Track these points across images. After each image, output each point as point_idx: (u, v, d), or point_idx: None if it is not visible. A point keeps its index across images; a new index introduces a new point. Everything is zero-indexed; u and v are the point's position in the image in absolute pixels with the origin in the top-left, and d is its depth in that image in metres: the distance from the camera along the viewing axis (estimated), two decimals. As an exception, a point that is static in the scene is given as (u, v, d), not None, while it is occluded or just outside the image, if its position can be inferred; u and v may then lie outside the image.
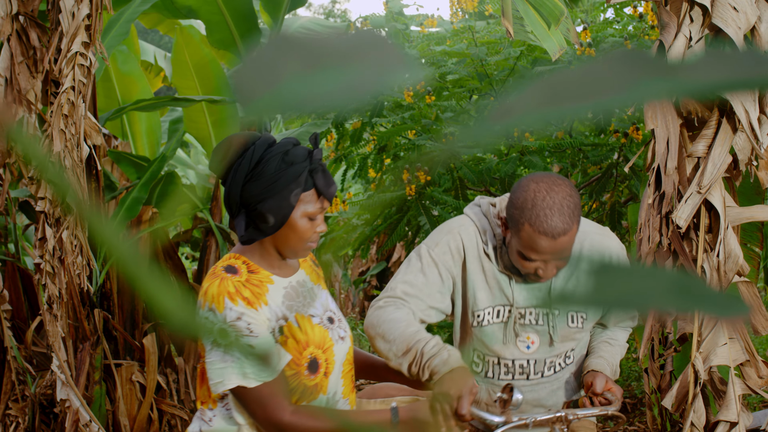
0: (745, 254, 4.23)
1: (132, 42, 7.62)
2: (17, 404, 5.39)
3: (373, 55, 0.40)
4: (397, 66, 0.39)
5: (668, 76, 0.36)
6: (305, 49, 0.40)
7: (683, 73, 0.37)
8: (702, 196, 3.26)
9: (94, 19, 4.46)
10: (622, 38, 6.05)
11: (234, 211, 2.49)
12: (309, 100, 0.37)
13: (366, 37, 0.41)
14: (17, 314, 6.12)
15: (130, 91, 6.84)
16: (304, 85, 0.38)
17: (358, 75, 0.38)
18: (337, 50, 0.40)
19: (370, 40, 0.41)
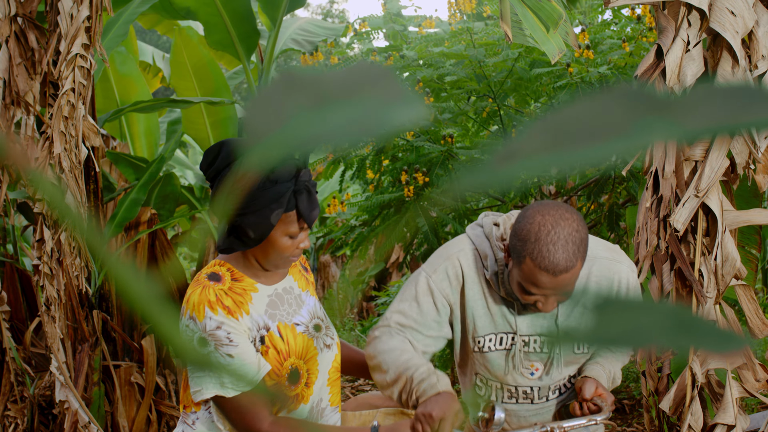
0: (743, 257, 4.24)
1: (130, 43, 7.62)
2: (16, 405, 5.40)
3: (376, 90, 0.40)
4: (400, 101, 0.40)
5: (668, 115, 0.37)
6: (311, 86, 0.40)
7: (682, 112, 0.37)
8: (699, 200, 3.27)
9: (94, 20, 4.46)
10: (620, 40, 6.06)
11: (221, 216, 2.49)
12: (315, 138, 0.38)
13: (369, 72, 0.41)
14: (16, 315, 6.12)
15: (129, 92, 6.84)
16: (310, 123, 0.38)
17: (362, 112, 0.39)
18: (342, 86, 0.40)
19: (373, 75, 0.41)
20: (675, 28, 3.30)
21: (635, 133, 0.36)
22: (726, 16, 3.17)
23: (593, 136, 0.37)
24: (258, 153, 0.38)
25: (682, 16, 3.28)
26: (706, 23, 3.24)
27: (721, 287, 3.32)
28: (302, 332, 2.57)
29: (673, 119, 0.37)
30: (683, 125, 0.37)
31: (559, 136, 0.38)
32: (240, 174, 2.40)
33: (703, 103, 0.38)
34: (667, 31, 3.30)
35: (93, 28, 4.46)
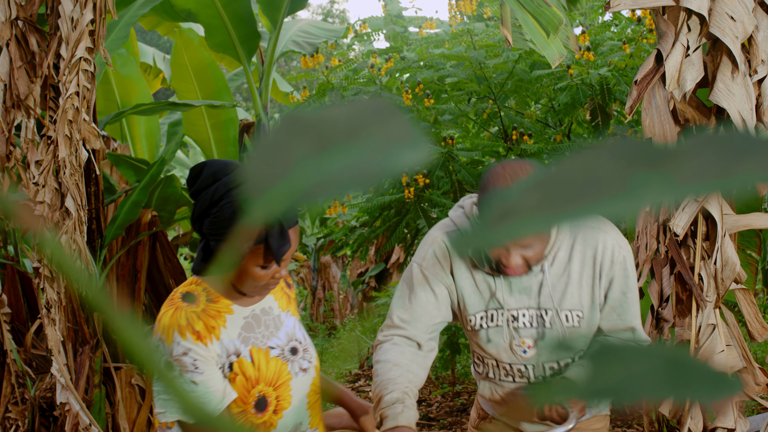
0: (743, 260, 4.24)
1: (131, 45, 7.62)
2: (17, 407, 5.40)
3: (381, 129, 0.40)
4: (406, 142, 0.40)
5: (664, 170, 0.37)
6: (313, 129, 0.41)
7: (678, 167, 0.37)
8: (699, 205, 3.28)
9: (98, 24, 4.47)
10: (620, 41, 6.06)
11: (196, 230, 2.45)
12: (318, 189, 0.38)
13: (373, 109, 0.42)
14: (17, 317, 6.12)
15: (129, 94, 6.84)
16: (314, 172, 0.39)
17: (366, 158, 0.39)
18: (345, 126, 0.41)
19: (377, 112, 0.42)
20: (675, 33, 3.30)
21: (631, 191, 0.37)
22: (725, 21, 3.18)
23: (588, 194, 0.37)
24: (261, 207, 0.38)
25: (681, 21, 3.28)
26: (705, 28, 3.25)
27: (721, 291, 3.33)
28: (276, 356, 2.54)
29: (669, 175, 0.37)
30: (679, 182, 0.37)
31: (553, 194, 0.38)
32: (244, 228, 2.38)
33: (699, 157, 0.38)
34: (666, 36, 3.31)
35: (97, 31, 4.46)
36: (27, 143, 4.75)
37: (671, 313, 3.38)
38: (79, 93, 4.42)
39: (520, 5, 3.10)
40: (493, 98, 6.16)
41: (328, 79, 6.41)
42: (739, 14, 3.19)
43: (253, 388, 2.47)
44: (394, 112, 0.41)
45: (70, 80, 4.40)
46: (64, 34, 4.52)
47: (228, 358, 2.43)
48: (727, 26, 3.18)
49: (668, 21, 3.34)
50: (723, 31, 3.18)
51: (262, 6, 6.11)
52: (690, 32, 3.28)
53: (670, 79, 3.26)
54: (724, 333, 3.37)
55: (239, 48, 6.12)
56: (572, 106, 6.00)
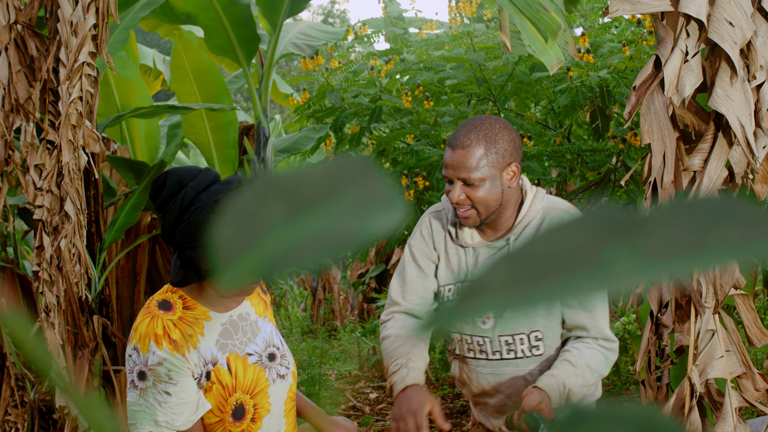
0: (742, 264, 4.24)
1: (131, 47, 7.61)
2: (16, 410, 5.40)
3: (357, 189, 0.40)
4: (382, 203, 0.39)
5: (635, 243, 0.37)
6: (287, 191, 0.40)
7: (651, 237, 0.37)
8: (698, 210, 3.27)
9: (101, 28, 4.46)
10: (620, 43, 6.06)
11: (169, 243, 2.43)
12: (289, 257, 0.38)
13: (349, 168, 0.41)
14: (16, 320, 6.11)
15: (129, 97, 6.84)
16: (285, 239, 0.38)
17: (340, 221, 0.38)
18: (320, 187, 0.40)
19: (353, 171, 0.41)
20: (673, 39, 3.29)
21: (603, 267, 0.36)
22: (724, 26, 3.17)
23: (558, 270, 0.37)
24: (231, 277, 0.38)
25: (680, 27, 3.27)
26: (704, 34, 3.24)
27: (720, 297, 3.32)
28: (254, 363, 2.54)
29: (641, 249, 0.37)
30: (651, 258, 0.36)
31: (525, 271, 0.38)
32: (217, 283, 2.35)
33: (673, 226, 0.38)
34: (665, 41, 3.30)
35: (99, 35, 4.45)
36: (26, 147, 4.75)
37: (670, 319, 3.38)
38: (82, 98, 4.42)
39: (518, 11, 3.10)
40: (493, 100, 6.16)
41: (328, 81, 6.41)
42: (737, 20, 3.18)
43: (230, 397, 2.46)
44: (370, 170, 0.41)
45: (73, 85, 4.40)
46: (63, 38, 4.51)
47: (205, 367, 2.42)
48: (725, 32, 3.17)
49: (667, 26, 3.33)
50: (722, 37, 3.17)
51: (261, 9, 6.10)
52: (689, 38, 3.28)
53: (668, 85, 3.25)
54: (723, 338, 3.36)
55: (239, 51, 6.12)
56: (572, 108, 6.00)
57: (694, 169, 3.33)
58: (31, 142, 4.75)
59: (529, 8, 3.07)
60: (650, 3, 3.26)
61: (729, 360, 3.37)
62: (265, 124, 6.34)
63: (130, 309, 5.83)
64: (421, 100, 6.15)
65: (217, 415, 2.44)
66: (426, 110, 6.15)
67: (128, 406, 2.37)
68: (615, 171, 6.09)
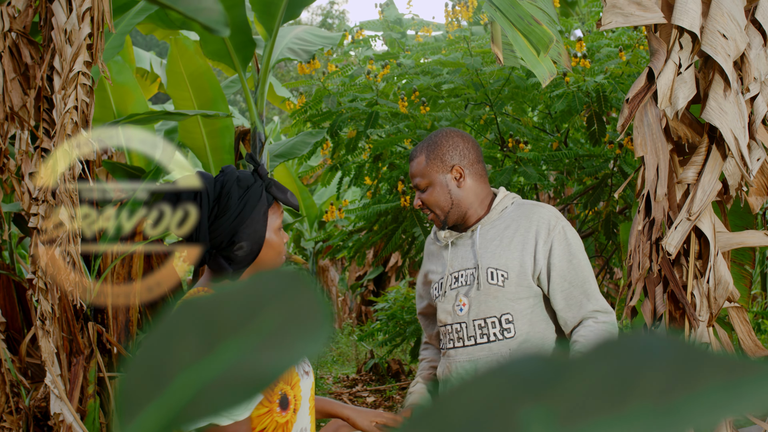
0: (738, 273, 4.23)
1: (126, 51, 7.60)
2: (11, 416, 5.39)
3: (282, 309, 0.38)
4: (308, 324, 0.38)
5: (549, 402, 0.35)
6: (205, 319, 0.38)
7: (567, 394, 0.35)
8: (692, 223, 3.26)
9: (96, 38, 4.45)
10: (616, 48, 6.04)
11: (205, 258, 2.45)
12: (198, 403, 0.36)
13: (275, 285, 0.39)
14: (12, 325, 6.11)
15: (125, 102, 6.83)
16: (194, 382, 0.36)
17: (257, 353, 0.36)
18: (241, 311, 0.38)
19: (278, 287, 0.39)
20: (667, 51, 3.28)
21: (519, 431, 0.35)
22: (718, 39, 3.16)
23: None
24: (138, 426, 0.36)
25: (673, 39, 3.26)
26: (697, 46, 3.23)
27: (714, 310, 3.31)
28: None
29: (554, 411, 0.35)
30: (563, 423, 0.35)
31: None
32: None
33: (594, 378, 0.36)
34: (658, 53, 3.29)
35: (95, 45, 4.44)
36: (21, 155, 4.74)
37: (664, 332, 3.37)
38: (77, 107, 4.41)
39: (510, 23, 3.08)
40: (489, 105, 6.14)
41: (325, 86, 6.39)
42: (731, 32, 3.17)
43: (276, 386, 2.45)
44: (297, 285, 0.39)
45: (68, 95, 4.39)
46: (57, 46, 4.50)
47: None
48: (719, 44, 3.16)
49: (660, 38, 3.32)
50: (715, 49, 3.16)
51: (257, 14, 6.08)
52: (682, 50, 3.27)
53: (662, 97, 3.24)
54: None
55: (234, 56, 6.10)
56: (569, 113, 5.99)
57: (688, 182, 3.32)
58: (26, 150, 4.75)
59: (521, 21, 3.06)
60: (643, 15, 3.24)
61: (723, 373, 3.36)
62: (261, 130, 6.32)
63: (125, 315, 5.81)
64: (417, 104, 6.14)
65: (266, 405, 2.46)
66: (423, 115, 6.13)
67: None
68: (612, 176, 6.08)
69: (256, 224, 2.41)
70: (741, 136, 3.20)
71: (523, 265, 3.05)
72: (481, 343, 3.09)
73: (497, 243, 3.09)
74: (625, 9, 3.25)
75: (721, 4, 3.20)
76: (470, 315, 3.10)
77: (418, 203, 3.17)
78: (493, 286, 3.06)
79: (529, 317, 3.08)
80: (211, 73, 6.53)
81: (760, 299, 9.35)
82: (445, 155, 3.13)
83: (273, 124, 12.94)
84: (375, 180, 6.56)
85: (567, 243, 3.07)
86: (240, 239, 2.40)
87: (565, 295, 3.06)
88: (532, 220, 3.08)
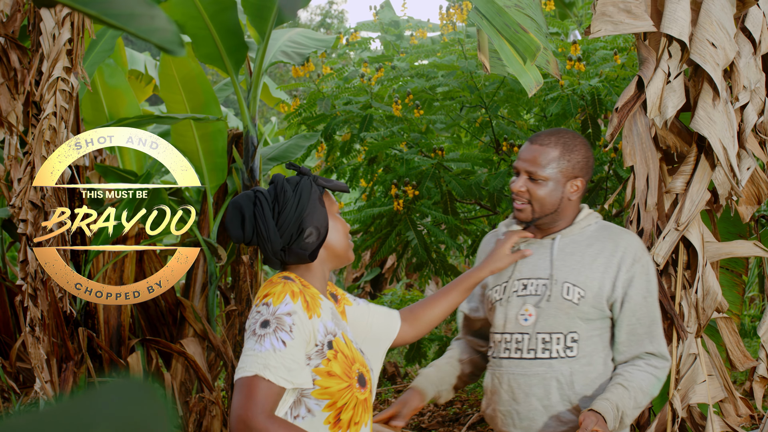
0: (729, 280, 4.19)
1: (119, 54, 7.57)
2: (2, 422, 5.37)
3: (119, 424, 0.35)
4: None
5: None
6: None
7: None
8: (680, 233, 3.23)
9: (76, 43, 4.42)
10: (612, 51, 6.01)
11: (281, 257, 2.60)
12: None
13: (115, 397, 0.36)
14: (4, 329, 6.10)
15: (117, 105, 6.80)
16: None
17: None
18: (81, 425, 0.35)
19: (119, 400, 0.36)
20: (656, 59, 3.25)
21: None
22: (707, 47, 3.13)
23: None
24: None
25: (663, 47, 3.23)
26: (686, 54, 3.20)
27: (702, 321, 3.28)
28: (356, 348, 2.66)
29: None
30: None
31: None
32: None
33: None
34: (648, 62, 3.26)
35: (74, 50, 4.42)
36: (10, 161, 4.72)
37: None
38: (56, 113, 4.38)
39: (496, 32, 3.05)
40: (484, 107, 6.11)
41: (319, 89, 6.36)
42: (720, 41, 3.14)
43: (353, 365, 2.57)
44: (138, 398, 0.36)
45: (47, 100, 4.36)
46: (45, 51, 4.48)
47: (326, 336, 2.53)
48: (708, 53, 3.13)
49: (649, 47, 3.29)
50: (704, 58, 3.13)
51: (249, 17, 6.04)
52: (671, 58, 3.24)
53: (651, 106, 3.21)
54: (705, 363, 3.33)
55: (226, 59, 6.06)
56: (563, 116, 5.96)
57: (677, 192, 3.29)
58: (15, 155, 4.72)
59: (507, 29, 3.03)
60: (632, 23, 3.21)
61: (711, 384, 3.34)
62: (254, 133, 6.29)
63: (117, 319, 5.78)
64: (411, 108, 6.11)
65: (345, 380, 2.53)
66: (417, 118, 6.10)
67: (242, 354, 2.48)
68: (607, 179, 6.04)
69: (316, 210, 2.55)
70: (730, 146, 3.17)
71: (602, 288, 2.97)
72: (542, 358, 3.01)
73: (578, 259, 3.01)
74: (615, 17, 3.22)
75: (710, 12, 3.16)
76: (536, 327, 3.01)
77: (522, 189, 3.00)
78: (567, 301, 2.97)
79: (595, 340, 3.01)
80: (203, 76, 6.50)
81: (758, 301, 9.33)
82: (577, 164, 3.00)
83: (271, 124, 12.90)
84: (370, 182, 6.54)
85: (647, 279, 2.99)
86: (307, 225, 2.54)
87: (630, 329, 2.99)
88: (618, 245, 2.99)
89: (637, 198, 3.29)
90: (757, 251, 3.42)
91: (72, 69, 4.44)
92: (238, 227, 2.58)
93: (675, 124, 3.39)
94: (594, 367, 2.99)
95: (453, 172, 6.22)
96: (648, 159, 3.26)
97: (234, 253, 6.31)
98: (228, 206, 2.61)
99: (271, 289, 2.51)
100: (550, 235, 3.07)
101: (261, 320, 2.46)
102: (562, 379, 2.98)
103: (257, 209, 2.55)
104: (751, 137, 3.38)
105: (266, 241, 2.55)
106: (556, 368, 2.98)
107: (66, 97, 4.45)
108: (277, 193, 2.56)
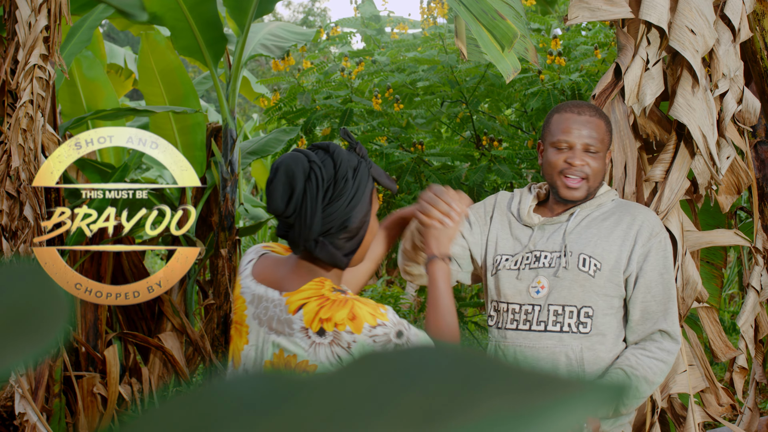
0: (708, 272, 4.18)
1: (98, 47, 7.51)
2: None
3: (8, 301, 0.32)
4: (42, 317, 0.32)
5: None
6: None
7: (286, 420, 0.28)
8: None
9: (53, 30, 4.37)
10: (592, 46, 6.01)
11: (311, 247, 2.21)
12: None
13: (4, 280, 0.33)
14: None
15: (96, 97, 6.75)
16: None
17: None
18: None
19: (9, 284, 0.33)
20: (634, 46, 3.23)
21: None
22: (686, 34, 3.11)
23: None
24: None
25: (641, 35, 3.21)
26: (665, 42, 3.18)
27: (683, 311, 3.26)
28: None
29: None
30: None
31: None
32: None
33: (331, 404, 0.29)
34: (626, 49, 3.24)
35: (51, 38, 4.36)
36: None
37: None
38: (33, 101, 4.33)
39: (473, 18, 3.02)
40: (465, 102, 6.10)
41: (300, 83, 6.32)
42: (699, 28, 3.12)
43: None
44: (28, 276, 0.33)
45: (23, 88, 4.31)
46: (21, 40, 4.42)
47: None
48: (687, 40, 3.11)
49: (628, 34, 3.27)
50: (683, 45, 3.11)
51: (229, 9, 6.01)
52: (650, 45, 3.21)
53: (629, 94, 3.19)
54: (686, 353, 3.30)
55: (205, 52, 6.02)
56: (544, 111, 5.94)
57: (656, 180, 3.27)
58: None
59: (485, 15, 3.00)
60: (610, 10, 3.19)
61: (692, 374, 3.32)
62: (233, 126, 6.25)
63: (93, 314, 5.73)
64: (391, 102, 6.08)
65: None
66: (398, 112, 6.07)
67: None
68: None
69: (365, 208, 2.20)
70: (709, 134, 3.15)
71: (619, 261, 2.83)
72: (552, 331, 2.86)
73: (594, 231, 2.86)
74: (593, 3, 3.20)
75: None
76: (548, 299, 2.86)
77: (585, 164, 2.83)
78: (583, 273, 2.82)
79: (610, 320, 2.87)
80: (182, 69, 6.47)
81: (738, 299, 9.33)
82: (611, 135, 2.91)
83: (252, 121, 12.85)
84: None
85: (664, 255, 2.87)
86: (352, 223, 2.18)
87: (644, 306, 2.85)
88: (636, 219, 2.86)
89: (615, 186, 3.26)
90: (738, 240, 3.40)
91: (49, 57, 4.39)
92: (282, 200, 2.17)
93: (655, 113, 3.36)
94: (606, 347, 2.86)
95: (433, 166, 6.20)
96: (626, 147, 3.24)
97: (212, 246, 6.27)
98: (278, 171, 2.18)
99: (351, 311, 2.11)
100: (568, 210, 2.93)
101: (394, 332, 2.13)
102: (572, 355, 2.86)
103: (309, 187, 2.14)
104: (731, 126, 3.36)
105: (305, 226, 2.16)
106: (567, 343, 2.85)
107: (43, 84, 4.40)
108: (337, 178, 2.15)
